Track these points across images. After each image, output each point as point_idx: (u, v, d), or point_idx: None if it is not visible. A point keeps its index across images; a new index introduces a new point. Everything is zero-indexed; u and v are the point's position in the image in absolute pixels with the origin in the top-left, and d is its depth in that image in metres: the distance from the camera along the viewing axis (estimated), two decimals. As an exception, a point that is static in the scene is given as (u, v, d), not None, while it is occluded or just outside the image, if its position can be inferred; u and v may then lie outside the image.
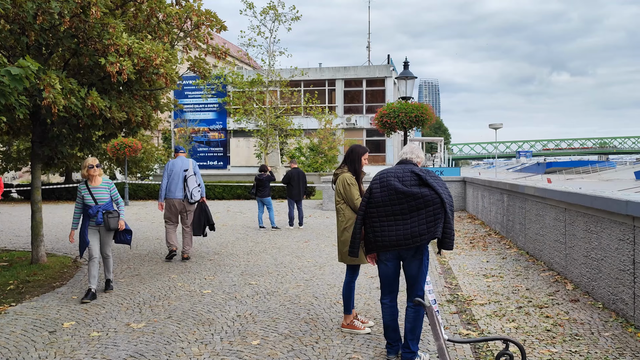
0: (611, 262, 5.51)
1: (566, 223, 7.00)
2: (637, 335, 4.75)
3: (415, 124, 15.06)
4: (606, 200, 5.48)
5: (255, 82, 27.88)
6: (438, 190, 4.05)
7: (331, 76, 38.41)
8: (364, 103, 38.30)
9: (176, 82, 8.71)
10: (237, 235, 12.03)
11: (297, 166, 13.58)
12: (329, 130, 33.09)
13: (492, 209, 12.55)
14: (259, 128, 29.16)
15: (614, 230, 5.43)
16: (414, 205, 4.06)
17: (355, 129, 37.90)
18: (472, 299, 6.18)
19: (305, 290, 6.76)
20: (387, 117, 14.84)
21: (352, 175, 5.07)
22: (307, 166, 32.62)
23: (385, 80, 37.81)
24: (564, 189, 7.44)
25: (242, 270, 8.12)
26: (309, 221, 14.84)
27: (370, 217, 4.25)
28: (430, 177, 4.13)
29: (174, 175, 8.96)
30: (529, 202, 9.02)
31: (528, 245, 9.03)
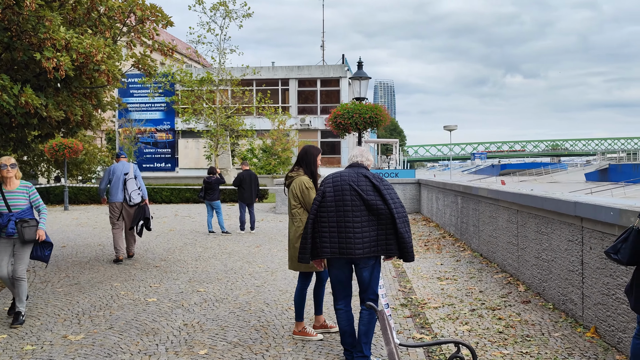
0: (561, 263, 5.72)
1: (518, 225, 7.22)
2: (586, 335, 4.94)
3: (370, 125, 15.22)
4: (556, 202, 5.69)
5: (205, 80, 27.55)
6: (389, 203, 4.09)
7: (284, 75, 38.39)
8: (318, 103, 38.44)
9: (119, 80, 8.51)
10: (185, 241, 11.86)
11: (248, 168, 13.51)
12: (282, 131, 33.04)
13: (446, 211, 12.82)
14: (209, 128, 28.82)
15: (564, 232, 5.64)
16: (366, 215, 4.10)
17: (310, 130, 37.99)
18: (426, 303, 6.29)
19: (256, 297, 6.71)
20: (341, 118, 14.94)
21: (309, 178, 5.06)
22: (259, 168, 32.47)
23: (340, 81, 38.09)
24: (516, 190, 7.68)
25: (190, 277, 8.00)
26: (261, 225, 14.76)
27: (321, 222, 4.20)
28: (383, 186, 4.17)
29: (115, 179, 9.44)
30: (482, 204, 9.26)
31: (482, 247, 9.26)
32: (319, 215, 4.22)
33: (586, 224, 5.08)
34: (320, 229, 4.20)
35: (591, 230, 4.99)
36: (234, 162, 32.89)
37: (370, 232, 4.09)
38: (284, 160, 32.85)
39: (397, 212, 4.08)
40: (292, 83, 38.53)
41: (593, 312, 4.98)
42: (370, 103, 15.84)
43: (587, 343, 4.75)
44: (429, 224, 14.53)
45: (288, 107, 38.24)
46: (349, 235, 4.09)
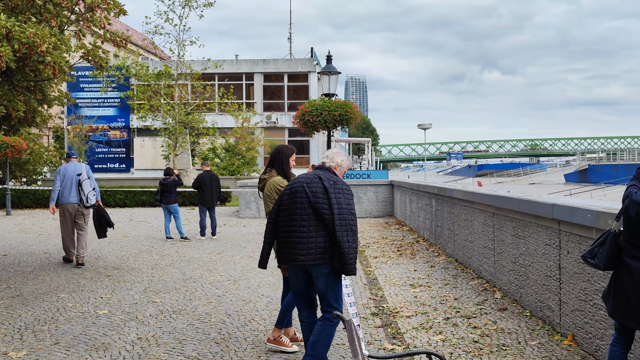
0: (538, 268, 5.84)
1: (495, 228, 7.34)
2: (563, 343, 5.05)
3: (340, 124, 15.28)
4: (532, 204, 5.80)
5: (163, 74, 27.24)
6: (333, 207, 4.01)
7: (249, 69, 38.25)
8: (285, 100, 38.41)
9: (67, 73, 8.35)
10: (141, 248, 11.70)
11: (209, 169, 13.42)
12: (246, 129, 32.90)
13: (420, 214, 12.95)
14: (167, 126, 28.50)
15: (541, 235, 5.76)
16: (313, 220, 4.06)
17: (277, 128, 37.94)
18: (399, 311, 6.34)
19: (217, 308, 6.67)
20: (309, 116, 14.96)
21: (282, 178, 5.08)
22: (221, 169, 32.25)
23: (309, 75, 38.14)
24: (492, 192, 7.81)
25: (145, 286, 7.90)
26: (223, 230, 14.68)
27: (279, 226, 4.24)
28: (334, 189, 4.10)
29: (67, 180, 9.56)
30: (457, 207, 9.39)
31: (457, 252, 9.38)
32: (278, 219, 4.25)
33: (563, 227, 5.19)
34: (279, 233, 4.26)
35: (568, 234, 5.10)
36: (194, 162, 32.60)
37: (317, 238, 4.04)
38: (248, 161, 32.71)
39: (338, 218, 3.98)
40: (257, 78, 38.40)
41: (570, 319, 5.09)
42: (341, 99, 15.89)
43: (565, 351, 4.86)
44: (402, 227, 14.66)
45: (253, 104, 38.09)
46: (294, 241, 4.09)
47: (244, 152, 32.46)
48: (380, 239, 12.51)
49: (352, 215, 4.06)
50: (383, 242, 12.00)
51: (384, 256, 10.20)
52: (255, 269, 9.15)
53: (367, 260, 9.79)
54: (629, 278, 3.43)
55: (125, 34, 9.13)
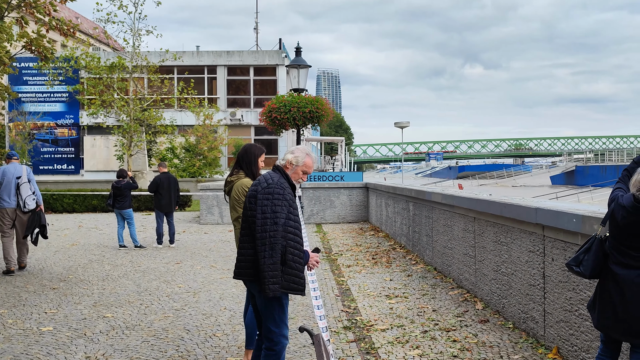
0: (521, 276, 5.92)
1: (476, 234, 7.43)
2: (548, 356, 5.14)
3: (310, 121, 15.29)
4: (515, 208, 5.89)
5: (116, 66, 26.92)
6: (256, 215, 3.91)
7: (211, 62, 38.04)
8: (251, 95, 38.30)
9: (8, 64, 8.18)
10: (91, 257, 11.55)
11: (167, 171, 13.31)
12: (208, 126, 32.71)
13: (397, 219, 13.04)
14: (121, 123, 28.17)
15: (524, 241, 5.84)
16: (247, 229, 4.03)
17: (242, 126, 37.80)
18: (373, 324, 6.36)
19: (175, 323, 6.61)
20: (276, 112, 14.94)
21: (251, 180, 5.08)
22: (181, 170, 32.01)
23: (277, 69, 38.10)
24: (473, 195, 7.90)
25: (96, 300, 7.79)
26: (182, 238, 14.57)
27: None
28: (264, 193, 3.96)
29: (6, 183, 9.71)
30: (436, 211, 9.47)
31: (436, 260, 9.47)
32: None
33: (548, 232, 5.28)
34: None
35: (553, 240, 5.19)
36: (150, 163, 32.27)
37: (248, 250, 4.01)
38: (210, 162, 32.53)
39: (260, 228, 3.86)
40: (220, 71, 38.21)
41: (555, 330, 5.18)
42: (311, 95, 15.91)
43: (549, 365, 4.93)
44: (377, 234, 14.73)
45: (216, 99, 37.89)
46: (238, 252, 4.13)
47: (205, 152, 32.25)
48: (354, 246, 12.55)
49: (275, 225, 3.84)
50: (357, 250, 12.05)
51: (358, 265, 10.24)
52: (217, 280, 9.10)
53: (339, 270, 9.81)
54: (615, 287, 3.49)
55: (74, 21, 9.02)
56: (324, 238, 14.19)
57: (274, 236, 3.83)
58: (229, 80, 38.48)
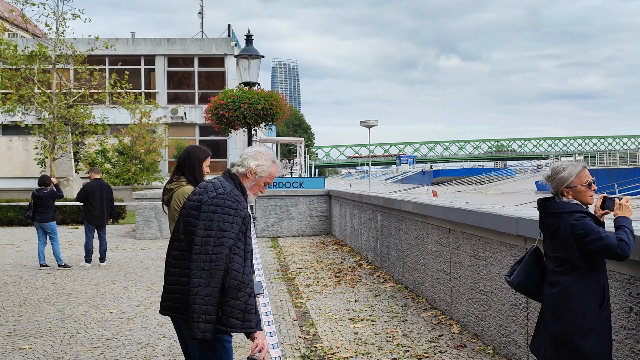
0: (502, 295, 6.01)
1: (451, 247, 7.51)
2: (532, 385, 5.21)
3: (263, 119, 15.28)
4: (495, 218, 5.98)
5: (37, 55, 26.44)
6: (197, 233, 3.61)
7: (149, 51, 37.71)
8: (196, 89, 38.09)
9: None
10: (5, 279, 11.34)
11: (99, 177, 13.16)
12: (146, 126, 32.39)
13: (363, 231, 13.11)
14: (43, 122, 27.67)
15: (505, 255, 5.93)
16: (184, 251, 3.71)
17: (185, 125, 37.55)
18: (335, 352, 6.37)
19: (105, 354, 6.53)
20: (224, 109, 14.86)
21: (192, 187, 5.08)
22: (114, 177, 31.61)
23: (225, 59, 38.00)
24: (448, 204, 8.00)
25: (10, 329, 7.64)
26: (115, 255, 14.39)
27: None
28: (210, 205, 3.68)
29: None
30: (407, 222, 9.56)
31: (407, 277, 9.55)
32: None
33: (530, 244, 5.36)
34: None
35: (536, 253, 5.28)
36: (78, 168, 31.79)
37: (180, 277, 3.68)
38: (148, 166, 32.21)
39: (198, 247, 3.57)
40: (159, 61, 37.91)
41: (540, 355, 5.26)
42: (265, 90, 15.90)
43: (533, 395, 5.01)
44: (341, 248, 14.78)
45: (154, 94, 37.56)
46: (166, 278, 3.82)
47: (142, 156, 31.91)
48: (315, 263, 12.57)
49: (219, 246, 3.54)
50: (318, 267, 12.07)
51: (319, 284, 10.25)
52: (154, 303, 9.00)
53: (297, 290, 9.81)
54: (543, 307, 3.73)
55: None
56: (280, 254, 14.17)
57: (217, 260, 3.52)
58: (169, 73, 38.20)
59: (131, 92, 30.22)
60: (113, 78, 29.28)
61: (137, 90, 34.77)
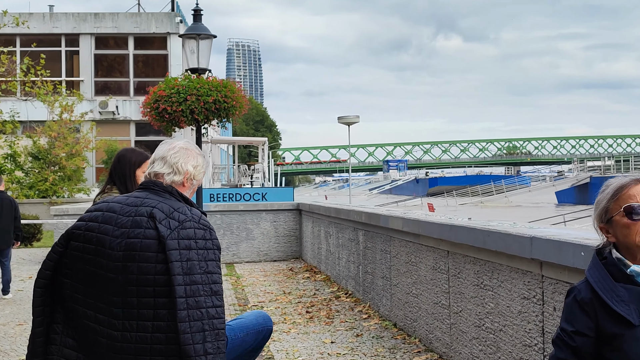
0: (513, 333, 6.04)
1: (450, 275, 7.54)
2: None
3: (216, 115, 15.25)
4: (503, 237, 6.01)
5: None
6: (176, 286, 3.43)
7: (72, 29, 37.51)
8: (130, 77, 37.95)
9: None
10: None
11: (3, 189, 13.04)
12: (68, 123, 32.17)
13: (342, 255, 13.11)
14: None
15: (516, 284, 5.97)
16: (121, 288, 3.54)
17: (117, 122, 37.37)
18: (306, 407, 6.36)
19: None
20: (166, 103, 14.80)
21: None
22: (27, 187, 31.30)
23: (169, 40, 37.92)
24: (446, 220, 8.03)
25: None
26: (28, 286, 14.20)
27: (62, 293, 3.83)
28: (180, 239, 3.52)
29: None
30: (395, 243, 9.58)
31: (396, 312, 9.56)
32: (60, 280, 3.86)
33: (548, 271, 5.41)
34: (60, 295, 3.86)
35: (555, 282, 5.32)
36: (-20, 177, 31.38)
37: (137, 339, 3.51)
38: (70, 174, 31.96)
39: (182, 302, 3.44)
40: (84, 42, 37.70)
41: (560, 408, 5.30)
42: (218, 78, 15.87)
43: None
44: (314, 276, 14.77)
45: (78, 83, 37.34)
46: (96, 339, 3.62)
47: (63, 161, 31.67)
48: (281, 295, 12.54)
49: (213, 297, 3.50)
50: (285, 300, 12.04)
51: (287, 321, 10.23)
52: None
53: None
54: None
55: None
56: (237, 284, 14.12)
57: (217, 315, 3.47)
58: (97, 56, 38.01)
59: (49, 81, 30.01)
60: (26, 63, 29.02)
61: (56, 79, 34.55)
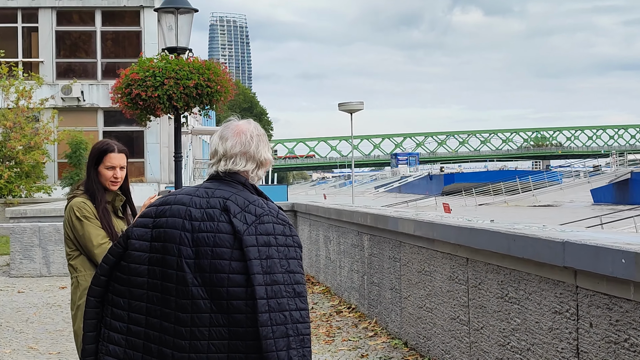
0: (543, 353, 6.03)
1: (469, 285, 7.53)
2: None
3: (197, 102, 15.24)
4: (531, 242, 5.99)
5: None
6: (257, 283, 3.44)
7: (29, 2, 37.46)
8: (98, 58, 37.91)
9: None
10: None
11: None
12: (25, 111, 32.14)
13: (344, 263, 13.10)
14: None
15: (546, 296, 5.95)
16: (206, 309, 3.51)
17: (83, 109, 37.34)
18: None
19: None
20: (140, 87, 14.80)
21: (86, 199, 5.19)
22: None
23: (142, 15, 37.86)
24: (465, 223, 8.02)
25: None
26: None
27: (113, 307, 3.73)
28: (258, 233, 3.55)
29: None
30: (406, 249, 9.57)
31: (406, 329, 9.55)
32: (115, 287, 3.76)
33: (582, 281, 5.40)
34: (110, 319, 3.75)
35: (591, 293, 5.30)
36: None
37: (210, 347, 3.50)
38: (28, 170, 31.93)
39: (263, 304, 3.44)
40: (44, 17, 37.66)
41: None
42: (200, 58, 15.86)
43: None
44: (312, 287, 14.76)
45: (37, 65, 37.30)
46: (160, 351, 3.60)
47: (20, 155, 31.65)
48: (273, 310, 12.53)
49: (297, 299, 3.53)
50: (277, 316, 12.03)
51: (279, 340, 10.22)
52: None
53: None
54: None
55: None
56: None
57: (302, 319, 3.51)
58: (59, 33, 37.98)
59: (3, 62, 30.01)
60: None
61: (11, 59, 34.51)
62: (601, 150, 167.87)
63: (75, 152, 32.29)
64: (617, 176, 74.55)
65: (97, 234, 5.05)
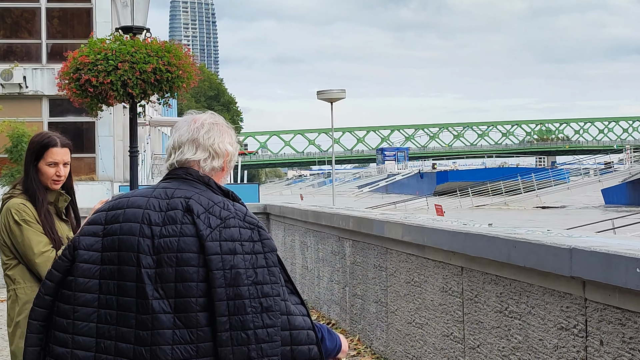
0: (547, 374, 6.05)
1: (464, 298, 7.54)
2: None
3: (156, 89, 15.21)
4: (534, 248, 6.00)
5: None
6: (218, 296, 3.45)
7: (-36, -26, 37.35)
8: (43, 39, 37.83)
9: None
10: None
11: None
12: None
13: (323, 272, 13.10)
14: None
15: (551, 309, 5.97)
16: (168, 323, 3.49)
17: (25, 97, 37.23)
18: None
19: None
20: (89, 72, 14.76)
21: (25, 200, 5.18)
22: None
23: (93, -11, 37.80)
24: (460, 227, 8.03)
25: None
26: None
27: (59, 321, 3.69)
28: (222, 238, 3.54)
29: None
30: (393, 257, 9.57)
31: (393, 347, 9.57)
32: (58, 310, 3.73)
33: (592, 293, 5.41)
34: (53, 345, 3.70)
35: (602, 307, 5.32)
36: None
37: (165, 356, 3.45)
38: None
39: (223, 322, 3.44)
40: (-18, -8, 37.56)
41: None
42: (158, 39, 15.84)
43: None
44: (286, 301, 14.78)
45: (-27, 46, 37.17)
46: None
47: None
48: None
49: (264, 314, 3.51)
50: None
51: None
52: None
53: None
54: None
55: None
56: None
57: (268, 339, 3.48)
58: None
59: None
60: None
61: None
62: (613, 145, 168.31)
63: (16, 146, 32.16)
64: (631, 174, 74.64)
65: (38, 241, 5.01)
